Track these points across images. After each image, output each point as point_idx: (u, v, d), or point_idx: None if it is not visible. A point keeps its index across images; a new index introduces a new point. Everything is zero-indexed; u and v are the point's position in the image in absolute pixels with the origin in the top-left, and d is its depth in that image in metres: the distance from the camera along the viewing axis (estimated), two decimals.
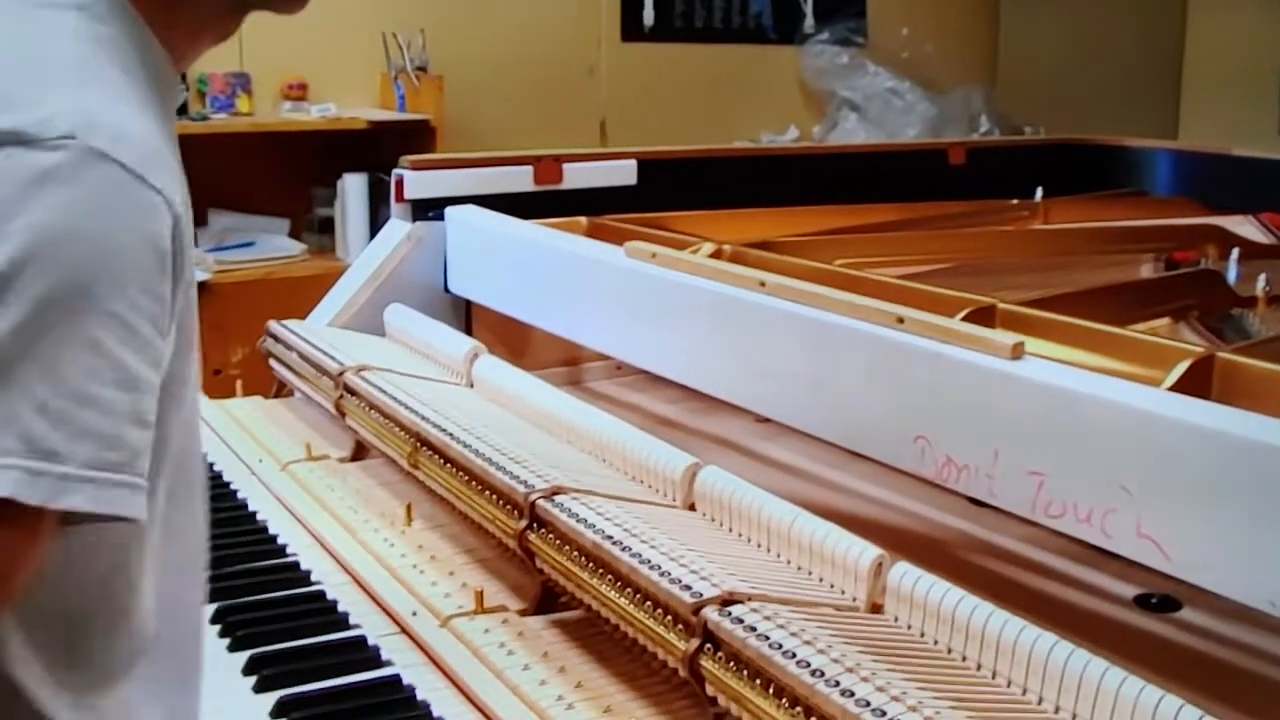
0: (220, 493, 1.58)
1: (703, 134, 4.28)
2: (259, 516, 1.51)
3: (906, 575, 0.98)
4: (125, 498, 0.70)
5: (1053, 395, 1.06)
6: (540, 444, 1.39)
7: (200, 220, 3.62)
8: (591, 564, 1.09)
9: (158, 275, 0.72)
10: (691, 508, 1.23)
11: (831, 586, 1.05)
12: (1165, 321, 1.62)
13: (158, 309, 0.72)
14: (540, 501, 1.17)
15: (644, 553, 1.05)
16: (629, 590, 1.04)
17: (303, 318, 1.98)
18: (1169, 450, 0.97)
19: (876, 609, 1.01)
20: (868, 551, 1.03)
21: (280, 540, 1.44)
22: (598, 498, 1.19)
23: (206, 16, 0.89)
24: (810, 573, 1.08)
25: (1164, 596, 1.24)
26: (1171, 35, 5.33)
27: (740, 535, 1.16)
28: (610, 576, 1.06)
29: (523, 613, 1.22)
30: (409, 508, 1.45)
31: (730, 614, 0.94)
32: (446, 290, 1.99)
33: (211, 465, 1.67)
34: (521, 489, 1.20)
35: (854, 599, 1.03)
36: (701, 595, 0.97)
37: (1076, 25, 5.08)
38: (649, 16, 4.39)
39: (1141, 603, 1.24)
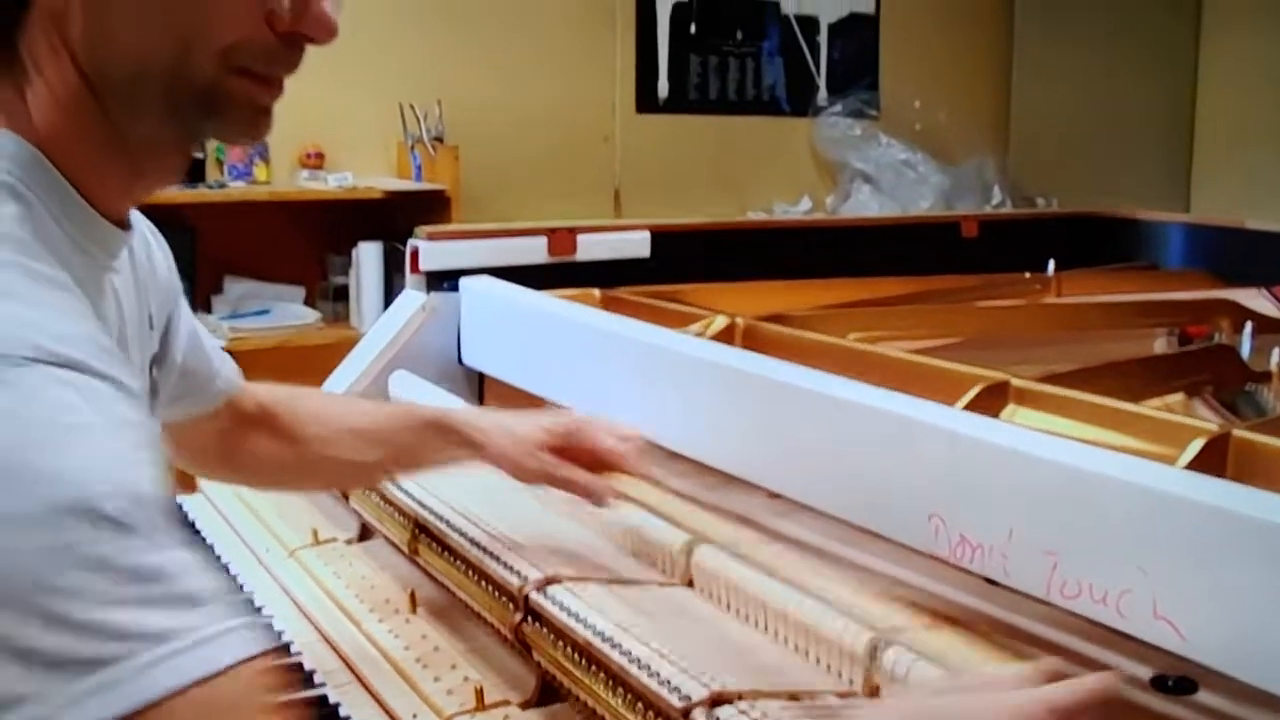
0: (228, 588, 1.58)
1: (716, 204, 4.31)
2: (264, 612, 1.50)
3: (900, 660, 0.98)
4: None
5: (1067, 473, 1.06)
6: (539, 520, 1.39)
7: (216, 287, 3.65)
8: (585, 660, 1.08)
9: None
10: (690, 583, 1.22)
11: (829, 669, 1.05)
12: (1180, 397, 1.61)
13: None
14: (534, 594, 1.17)
15: (634, 650, 1.03)
16: (621, 689, 1.03)
17: (317, 386, 1.98)
18: (1185, 530, 0.96)
19: (875, 692, 1.00)
20: (862, 634, 1.02)
21: (285, 637, 1.43)
22: (593, 585, 1.18)
23: (144, 157, 0.88)
24: (807, 653, 1.07)
25: (1180, 678, 1.22)
26: (1182, 103, 5.37)
27: (737, 612, 1.16)
28: (603, 674, 1.06)
29: (524, 705, 1.20)
30: (412, 594, 1.45)
31: (718, 719, 0.93)
32: (460, 361, 1.99)
33: (219, 557, 1.67)
34: (515, 580, 1.20)
35: (850, 681, 1.02)
36: (690, 698, 0.95)
37: (1088, 94, 5.12)
38: (663, 88, 4.43)
39: (1158, 684, 1.23)
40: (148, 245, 1.09)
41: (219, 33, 0.82)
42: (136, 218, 1.07)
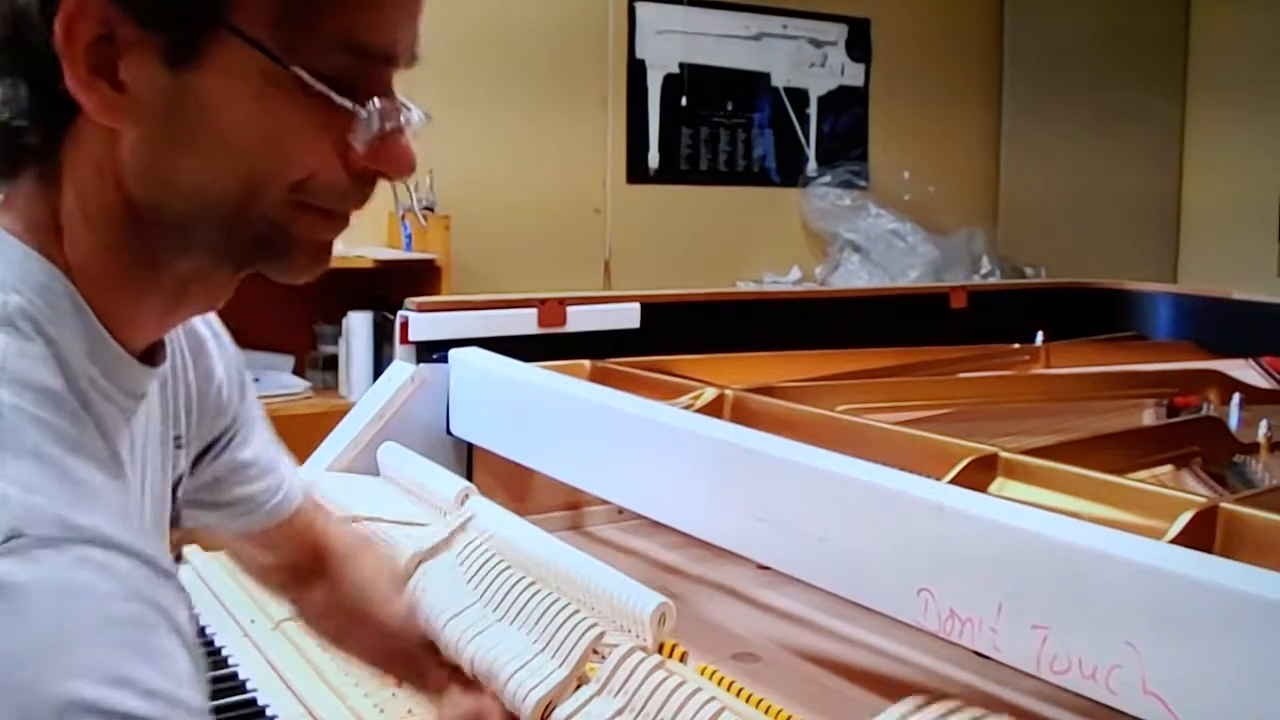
0: (212, 660, 1.56)
1: (706, 274, 4.33)
2: (249, 685, 1.49)
3: None
4: None
5: (1055, 547, 1.05)
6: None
7: None
8: None
9: None
10: (661, 648, 1.22)
11: None
12: (1168, 469, 1.61)
13: None
14: None
15: None
16: None
17: (305, 456, 1.97)
18: (1172, 606, 0.96)
19: None
20: None
21: (270, 711, 1.42)
22: None
23: (190, 281, 0.81)
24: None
25: None
26: (1170, 175, 5.41)
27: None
28: None
29: None
30: None
31: None
32: (449, 432, 1.99)
33: (204, 629, 1.65)
34: None
35: None
36: None
37: (1077, 166, 5.17)
38: (654, 159, 4.46)
39: None
40: (204, 358, 1.02)
41: (293, 171, 0.75)
42: (206, 321, 1.01)
